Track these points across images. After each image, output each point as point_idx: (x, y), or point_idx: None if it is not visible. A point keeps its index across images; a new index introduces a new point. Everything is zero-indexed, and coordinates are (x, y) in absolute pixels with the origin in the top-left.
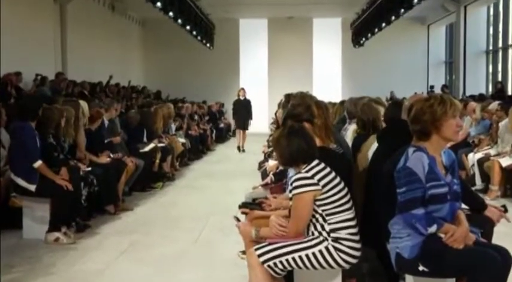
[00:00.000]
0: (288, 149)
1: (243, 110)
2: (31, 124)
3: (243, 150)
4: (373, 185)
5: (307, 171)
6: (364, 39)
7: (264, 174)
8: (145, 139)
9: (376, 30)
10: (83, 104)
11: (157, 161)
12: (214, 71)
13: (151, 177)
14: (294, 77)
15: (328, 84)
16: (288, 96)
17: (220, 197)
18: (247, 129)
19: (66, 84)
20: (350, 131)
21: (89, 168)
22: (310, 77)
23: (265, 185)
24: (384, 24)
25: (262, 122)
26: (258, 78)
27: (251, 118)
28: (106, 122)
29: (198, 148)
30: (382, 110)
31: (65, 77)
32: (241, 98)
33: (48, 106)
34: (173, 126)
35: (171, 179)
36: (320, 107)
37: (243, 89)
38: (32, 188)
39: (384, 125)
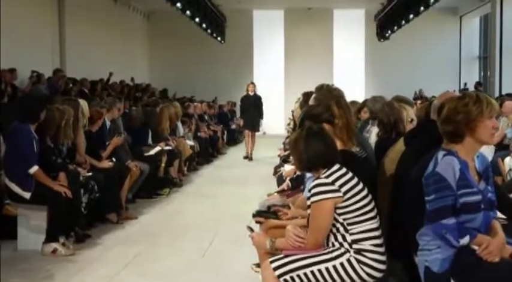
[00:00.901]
0: (306, 152)
1: (253, 107)
2: (30, 127)
3: (251, 158)
4: (399, 192)
5: (327, 177)
6: (389, 32)
7: (280, 180)
8: (150, 141)
9: (403, 22)
10: (83, 103)
11: (163, 165)
12: (226, 68)
13: (157, 183)
14: (313, 73)
15: (350, 81)
16: (306, 95)
17: (232, 204)
18: (257, 130)
19: (65, 81)
20: (374, 133)
21: (90, 173)
22: (331, 74)
23: (281, 192)
24: (411, 16)
25: (277, 123)
26: (274, 75)
27: (262, 117)
28: (108, 123)
29: (208, 151)
30: (409, 110)
31: (63, 74)
32: (251, 93)
33: (49, 106)
34: (180, 128)
35: (178, 185)
36: (341, 107)
37: (252, 83)
38: (27, 195)
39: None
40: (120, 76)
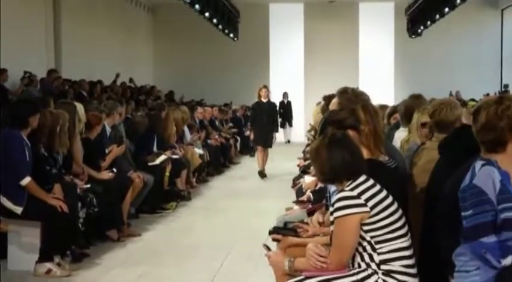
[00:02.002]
0: (329, 161)
1: (266, 118)
2: (21, 133)
3: (264, 175)
4: (433, 207)
5: (352, 189)
6: (422, 27)
7: (300, 193)
8: (155, 149)
9: (437, 16)
10: (79, 107)
11: (167, 174)
12: (239, 68)
13: (163, 197)
14: (336, 74)
15: (378, 83)
16: (328, 98)
17: (246, 220)
18: (270, 146)
19: (60, 83)
20: (398, 139)
21: (88, 185)
22: (356, 75)
23: (300, 203)
24: (446, 9)
25: (297, 129)
26: (293, 75)
27: (277, 130)
28: (108, 129)
29: (219, 161)
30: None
31: (58, 75)
32: (264, 100)
33: (42, 111)
34: (188, 135)
35: (186, 199)
36: (367, 111)
37: (265, 86)
38: (18, 210)
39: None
40: (122, 77)
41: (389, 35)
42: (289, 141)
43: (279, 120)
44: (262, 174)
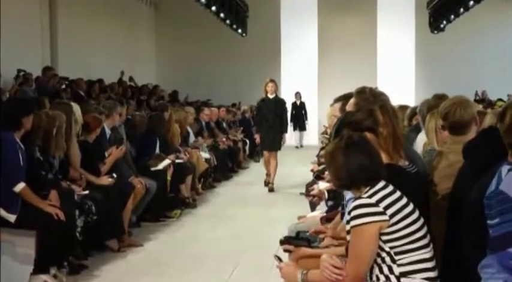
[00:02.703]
0: (345, 166)
1: (272, 117)
2: (14, 135)
3: (272, 188)
4: (457, 215)
5: (370, 196)
6: (445, 22)
7: (314, 204)
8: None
9: (462, 10)
10: (75, 107)
11: (169, 178)
12: (248, 65)
13: (166, 204)
14: (352, 72)
15: (398, 81)
16: (345, 98)
17: (255, 229)
18: (278, 149)
19: (57, 82)
20: (420, 142)
21: (86, 192)
22: (374, 73)
23: (313, 199)
24: (471, 3)
25: (310, 131)
26: (305, 74)
27: (286, 130)
28: (107, 131)
29: (227, 165)
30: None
31: (54, 72)
32: (270, 96)
33: (37, 111)
34: (193, 137)
35: (191, 206)
36: (386, 112)
37: (272, 81)
38: (12, 218)
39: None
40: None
41: (409, 30)
42: (301, 146)
43: (291, 123)
44: (269, 187)
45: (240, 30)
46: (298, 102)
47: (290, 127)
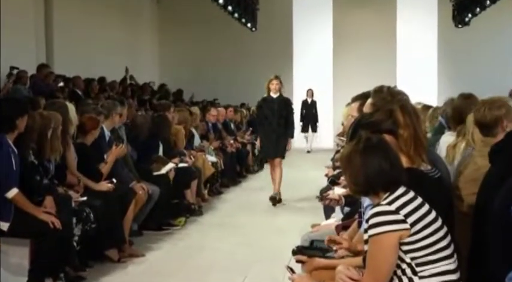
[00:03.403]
0: (363, 170)
1: (276, 118)
2: (6, 138)
3: (278, 200)
4: (482, 224)
5: (389, 203)
6: (470, 15)
7: (329, 210)
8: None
9: (488, 2)
10: (70, 107)
11: (170, 181)
12: (258, 62)
13: (170, 211)
14: (370, 70)
15: (419, 79)
16: (363, 98)
17: (266, 238)
18: (281, 156)
19: (53, 80)
20: (444, 145)
21: (84, 198)
22: (393, 70)
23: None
24: None
25: (325, 133)
26: (320, 71)
27: (291, 134)
28: (107, 133)
29: (235, 170)
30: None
31: (50, 70)
32: (273, 95)
33: (31, 112)
34: (198, 139)
35: (196, 213)
36: (407, 112)
37: (276, 78)
38: (4, 226)
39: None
40: (122, 73)
41: (431, 24)
42: (308, 152)
43: (300, 123)
44: (274, 200)
45: (249, 25)
46: (309, 101)
47: (299, 128)
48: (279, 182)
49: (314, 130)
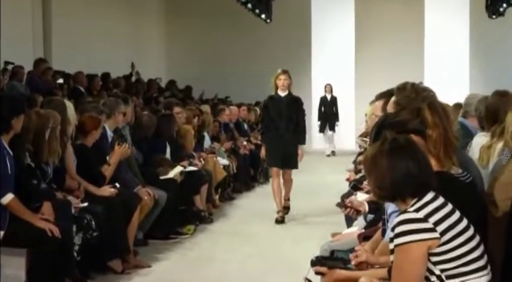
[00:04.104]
0: (389, 173)
1: (285, 122)
2: (1, 139)
3: (282, 218)
4: None
5: (417, 210)
6: (505, 5)
7: (350, 218)
8: (168, 158)
9: None
10: (68, 105)
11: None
12: (273, 57)
13: (178, 218)
14: (396, 64)
15: (449, 74)
16: (388, 96)
17: (282, 248)
18: (293, 166)
19: (51, 76)
20: (476, 147)
21: (85, 204)
22: (421, 64)
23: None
24: None
25: (346, 134)
26: (340, 65)
27: (303, 141)
28: (109, 134)
29: (248, 173)
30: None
31: (48, 65)
32: (282, 93)
33: (27, 111)
34: (208, 140)
35: (207, 221)
36: (436, 111)
37: (284, 72)
38: None
39: None
40: (127, 69)
41: (463, 14)
42: (332, 154)
43: (318, 122)
44: (279, 219)
45: (263, 16)
46: (328, 97)
47: (317, 128)
48: (286, 194)
49: (332, 128)
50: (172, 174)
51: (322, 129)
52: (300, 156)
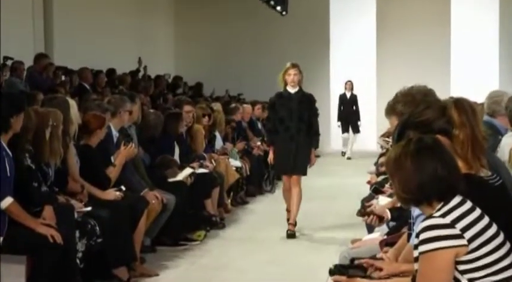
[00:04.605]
0: (415, 176)
1: (296, 123)
2: (0, 140)
3: (292, 233)
4: None
5: (443, 215)
6: None
7: (371, 225)
8: (177, 160)
9: None
10: (71, 103)
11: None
12: (289, 51)
13: (188, 223)
14: (420, 58)
15: (478, 69)
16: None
17: (298, 256)
18: (302, 173)
19: (53, 72)
20: (506, 147)
21: (89, 208)
22: (447, 58)
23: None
24: None
25: (366, 133)
26: (361, 60)
27: (316, 144)
28: (115, 134)
29: (262, 176)
30: None
31: (50, 61)
32: (291, 90)
33: (27, 109)
34: (219, 139)
35: (218, 226)
36: (463, 110)
37: (294, 66)
38: None
39: None
40: (133, 64)
41: (492, 4)
42: (349, 158)
43: (338, 123)
44: (290, 233)
45: (278, 8)
46: (348, 95)
47: (339, 129)
48: (297, 209)
49: (355, 130)
50: (181, 176)
51: (345, 130)
52: (311, 161)
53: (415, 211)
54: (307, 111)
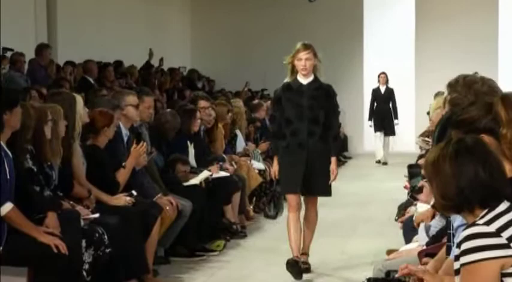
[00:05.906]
0: (455, 180)
1: (308, 124)
2: None
3: (304, 264)
4: None
5: (487, 223)
6: None
7: (408, 229)
8: (193, 163)
9: None
10: (78, 99)
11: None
12: (318, 41)
13: (205, 232)
14: (464, 49)
15: None
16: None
17: (327, 267)
18: (324, 193)
19: (56, 65)
20: None
21: (96, 215)
22: (494, 49)
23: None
24: None
25: (403, 132)
26: (398, 51)
27: (335, 151)
28: (125, 133)
29: None
30: None
31: (50, 56)
32: (303, 80)
33: (22, 104)
34: (242, 139)
35: (239, 236)
36: (511, 106)
37: (306, 47)
38: None
39: None
40: (144, 56)
41: None
42: (385, 164)
43: (370, 123)
44: (296, 269)
45: None
46: (382, 90)
47: (371, 128)
48: (311, 235)
49: (390, 132)
50: (198, 180)
51: (378, 128)
52: (332, 174)
53: (456, 221)
54: (323, 108)
